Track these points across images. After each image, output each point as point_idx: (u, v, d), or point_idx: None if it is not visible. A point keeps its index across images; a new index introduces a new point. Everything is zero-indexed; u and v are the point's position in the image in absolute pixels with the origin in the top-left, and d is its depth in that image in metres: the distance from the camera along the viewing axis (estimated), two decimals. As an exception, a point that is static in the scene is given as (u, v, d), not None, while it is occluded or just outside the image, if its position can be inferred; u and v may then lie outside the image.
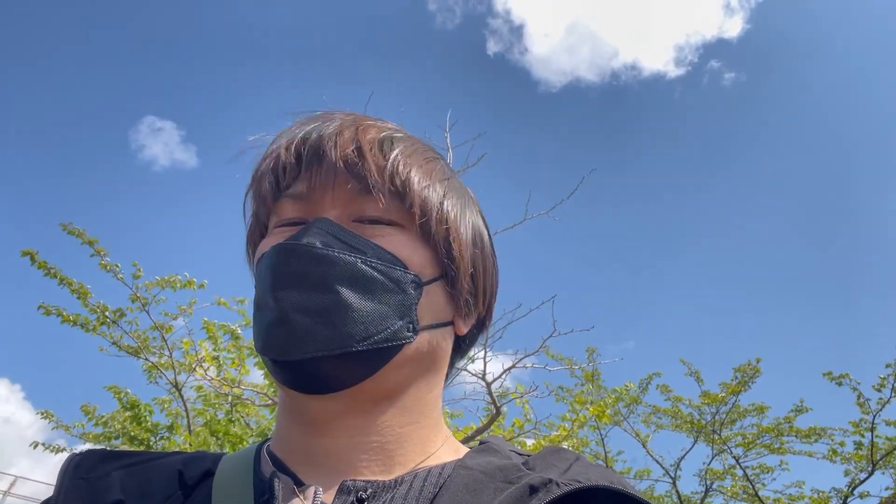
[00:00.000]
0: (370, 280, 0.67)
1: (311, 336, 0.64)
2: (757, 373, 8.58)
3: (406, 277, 0.69)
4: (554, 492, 0.60)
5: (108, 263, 6.00)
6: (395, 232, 0.71)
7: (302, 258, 0.67)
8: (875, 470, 8.62)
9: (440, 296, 0.73)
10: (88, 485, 0.68)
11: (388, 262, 0.69)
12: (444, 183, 0.77)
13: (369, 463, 0.68)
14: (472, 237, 0.77)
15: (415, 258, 0.71)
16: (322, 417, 0.68)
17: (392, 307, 0.68)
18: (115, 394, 6.78)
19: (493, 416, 5.45)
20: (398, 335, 0.67)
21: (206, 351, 6.42)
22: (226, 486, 0.68)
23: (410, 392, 0.71)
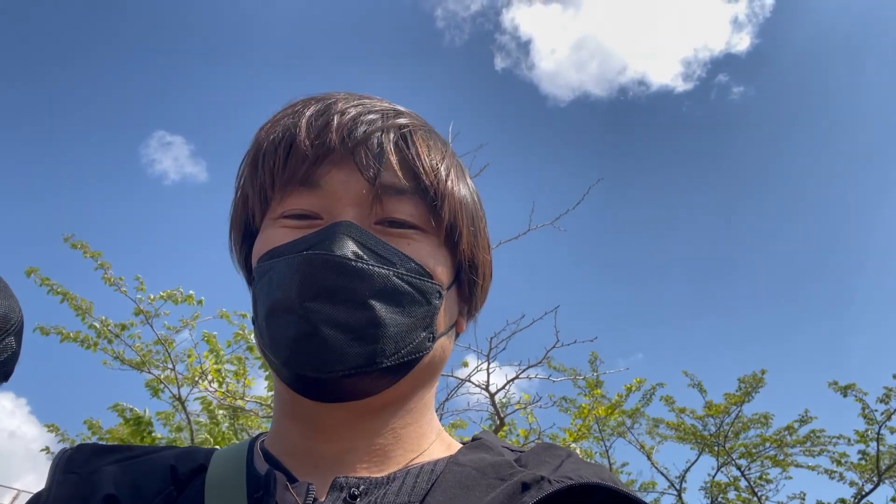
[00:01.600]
0: (401, 294, 0.66)
1: (344, 353, 0.63)
2: (761, 383, 8.54)
3: (433, 289, 0.69)
4: (546, 489, 0.60)
5: (112, 277, 6.01)
6: (421, 238, 0.70)
7: (335, 270, 0.64)
8: (881, 482, 8.56)
9: (453, 301, 0.75)
10: (80, 479, 0.67)
11: (417, 273, 0.68)
12: (467, 185, 0.77)
13: (364, 461, 0.68)
14: (479, 237, 0.78)
15: (438, 267, 0.71)
16: (329, 423, 0.68)
17: (417, 319, 0.68)
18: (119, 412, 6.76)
19: (496, 427, 5.43)
20: (421, 347, 0.68)
21: (211, 363, 6.41)
22: (219, 481, 0.67)
23: (416, 395, 0.72)
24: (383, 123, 0.71)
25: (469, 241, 0.74)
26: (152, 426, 6.78)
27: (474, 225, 0.76)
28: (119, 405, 6.70)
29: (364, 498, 0.63)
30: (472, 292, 0.77)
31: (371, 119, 0.71)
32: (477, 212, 0.78)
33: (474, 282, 0.76)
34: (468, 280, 0.76)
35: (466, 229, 0.73)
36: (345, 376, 0.63)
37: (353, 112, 0.71)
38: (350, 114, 0.71)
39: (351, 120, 0.70)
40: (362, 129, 0.70)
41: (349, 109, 0.71)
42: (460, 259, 0.74)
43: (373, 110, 0.72)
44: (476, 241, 0.76)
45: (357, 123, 0.70)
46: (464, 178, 0.77)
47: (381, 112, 0.72)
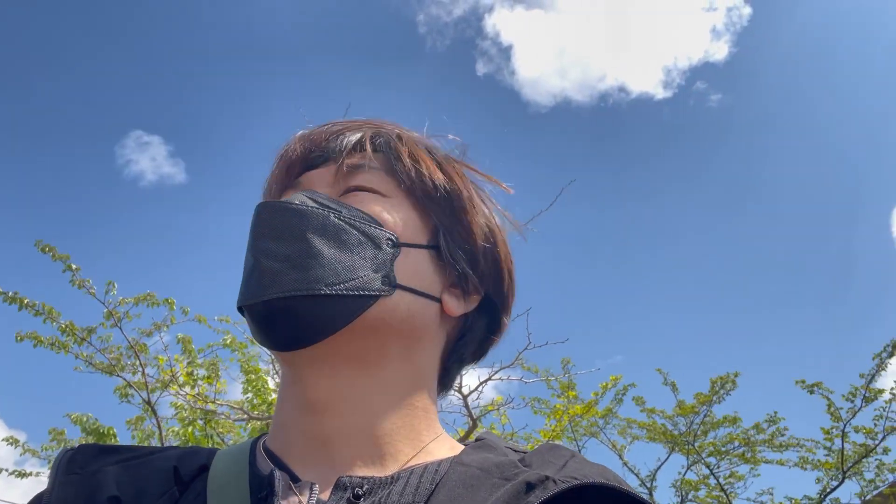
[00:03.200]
0: (341, 231, 0.69)
1: (280, 278, 0.66)
2: (732, 386, 8.67)
3: (381, 234, 0.70)
4: (550, 489, 0.60)
5: (80, 280, 5.92)
6: (379, 199, 0.74)
7: (276, 211, 0.70)
8: (845, 478, 8.74)
9: (424, 265, 0.73)
10: (82, 480, 0.67)
11: (361, 219, 0.70)
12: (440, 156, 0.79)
13: (363, 457, 0.67)
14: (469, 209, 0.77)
15: (393, 219, 0.72)
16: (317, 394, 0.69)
17: (365, 259, 0.68)
18: (78, 423, 6.63)
19: (469, 429, 5.45)
20: (371, 285, 0.68)
21: (181, 367, 6.34)
22: (221, 481, 0.67)
23: (389, 364, 0.71)
24: (360, 127, 0.77)
25: (446, 217, 0.75)
26: (115, 438, 6.67)
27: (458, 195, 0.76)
28: (78, 416, 6.57)
29: (368, 498, 0.63)
30: (456, 263, 0.74)
31: (350, 126, 0.77)
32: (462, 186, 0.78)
33: (458, 251, 0.74)
34: (448, 247, 0.74)
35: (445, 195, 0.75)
36: (284, 299, 0.65)
37: (338, 126, 0.77)
38: (335, 126, 0.77)
39: (333, 129, 0.77)
40: (339, 131, 0.77)
41: (336, 125, 0.78)
42: (437, 227, 0.75)
43: (358, 123, 0.78)
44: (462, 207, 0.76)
45: (336, 130, 0.77)
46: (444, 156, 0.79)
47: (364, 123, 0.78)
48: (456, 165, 0.80)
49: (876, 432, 8.51)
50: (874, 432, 8.51)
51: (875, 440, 8.52)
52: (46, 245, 5.83)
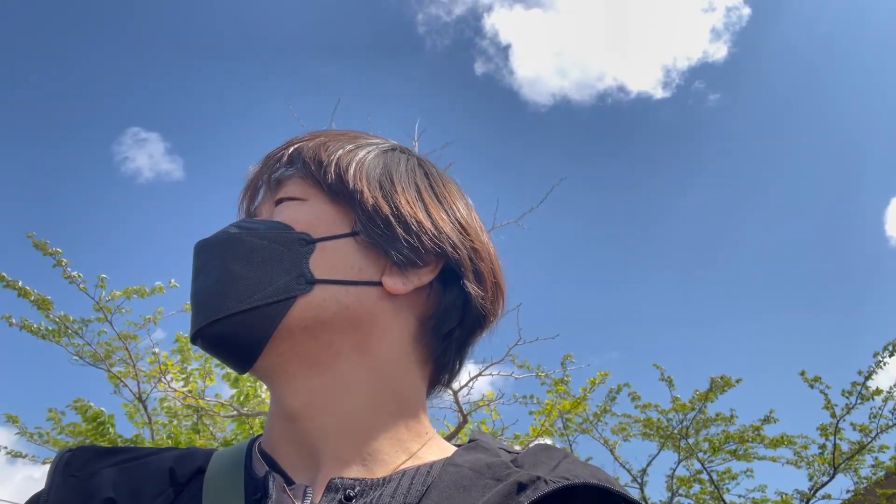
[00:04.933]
0: (254, 249, 0.70)
1: (206, 308, 0.69)
2: (728, 385, 8.69)
3: (292, 237, 0.71)
4: (542, 489, 0.60)
5: (71, 274, 5.92)
6: (294, 205, 0.75)
7: (199, 252, 0.74)
8: (837, 473, 8.79)
9: (349, 253, 0.71)
10: (79, 482, 0.68)
11: (272, 228, 0.72)
12: (350, 145, 0.78)
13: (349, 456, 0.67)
14: (374, 182, 0.75)
15: (305, 219, 0.73)
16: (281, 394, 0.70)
17: (277, 266, 0.70)
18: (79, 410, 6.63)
19: (459, 424, 5.45)
20: (285, 288, 0.68)
21: (170, 363, 6.33)
22: (217, 483, 0.68)
23: (344, 361, 0.69)
24: (290, 144, 0.80)
25: (350, 187, 0.73)
26: (113, 425, 6.68)
27: (361, 176, 0.75)
28: (80, 401, 6.59)
29: (359, 499, 0.63)
30: (377, 240, 0.72)
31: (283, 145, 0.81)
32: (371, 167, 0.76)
33: (373, 227, 0.72)
34: (365, 228, 0.72)
35: (342, 179, 0.74)
36: (211, 324, 0.68)
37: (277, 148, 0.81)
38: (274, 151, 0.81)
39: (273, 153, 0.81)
40: (270, 156, 0.81)
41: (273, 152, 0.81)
42: (355, 213, 0.73)
43: (294, 140, 0.81)
44: (364, 187, 0.73)
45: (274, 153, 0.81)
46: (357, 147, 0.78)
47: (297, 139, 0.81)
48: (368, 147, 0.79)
49: (870, 429, 8.57)
50: (868, 428, 8.57)
51: (869, 436, 8.59)
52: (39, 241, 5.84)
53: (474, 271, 0.75)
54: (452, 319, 0.75)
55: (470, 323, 0.77)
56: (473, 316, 0.76)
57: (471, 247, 0.76)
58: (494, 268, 0.79)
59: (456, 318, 0.76)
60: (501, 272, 0.81)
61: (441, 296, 0.74)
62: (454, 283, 0.75)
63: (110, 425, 6.69)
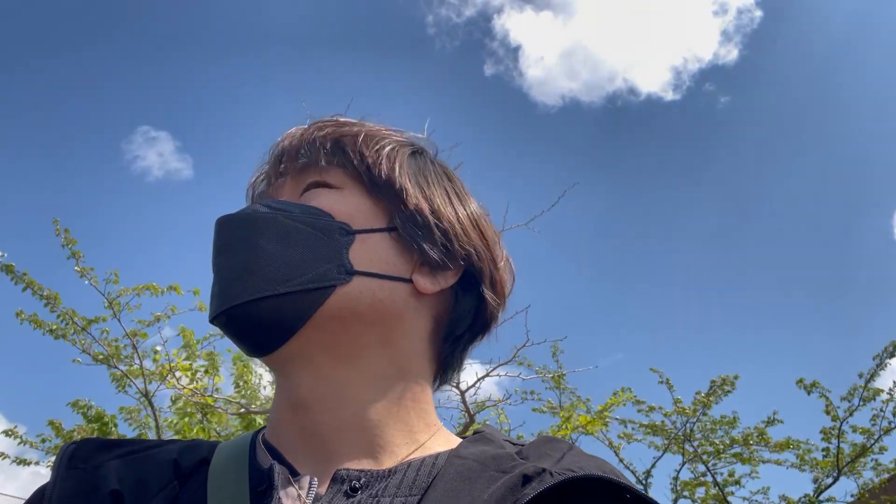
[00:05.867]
0: (291, 230, 0.69)
1: (236, 287, 0.68)
2: (731, 387, 8.67)
3: (332, 225, 0.70)
4: (547, 481, 0.59)
5: (84, 268, 5.93)
6: (331, 192, 0.74)
7: (228, 226, 0.72)
8: (840, 476, 8.77)
9: (385, 248, 0.72)
10: (84, 474, 0.68)
11: (310, 213, 0.71)
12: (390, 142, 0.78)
13: (357, 447, 0.68)
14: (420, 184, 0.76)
15: (345, 209, 0.72)
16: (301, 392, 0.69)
17: (317, 252, 0.69)
18: (79, 409, 6.63)
19: (466, 425, 5.46)
20: (325, 276, 0.68)
21: (179, 360, 6.34)
22: (221, 474, 0.68)
23: (368, 353, 0.70)
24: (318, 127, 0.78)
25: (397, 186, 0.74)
26: (115, 424, 6.69)
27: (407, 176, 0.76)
28: (79, 402, 6.59)
29: (365, 490, 0.64)
30: (416, 242, 0.73)
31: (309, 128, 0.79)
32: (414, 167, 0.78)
33: (414, 228, 0.73)
34: (404, 227, 0.73)
35: (390, 178, 0.74)
36: (243, 305, 0.67)
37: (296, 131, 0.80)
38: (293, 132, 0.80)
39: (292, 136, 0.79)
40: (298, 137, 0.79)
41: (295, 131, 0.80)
42: (395, 210, 0.74)
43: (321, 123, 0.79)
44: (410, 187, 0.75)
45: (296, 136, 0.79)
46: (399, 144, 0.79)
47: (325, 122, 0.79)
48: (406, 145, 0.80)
49: (873, 431, 8.54)
50: (871, 431, 8.54)
51: (872, 439, 8.56)
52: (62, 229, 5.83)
53: (491, 279, 0.78)
54: (465, 323, 0.78)
55: (478, 327, 0.80)
56: (483, 321, 0.79)
57: (490, 256, 0.78)
58: (506, 278, 0.81)
59: (468, 323, 0.78)
60: (511, 281, 0.82)
61: (457, 300, 0.76)
62: (470, 289, 0.77)
63: (112, 425, 6.70)
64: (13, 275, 5.82)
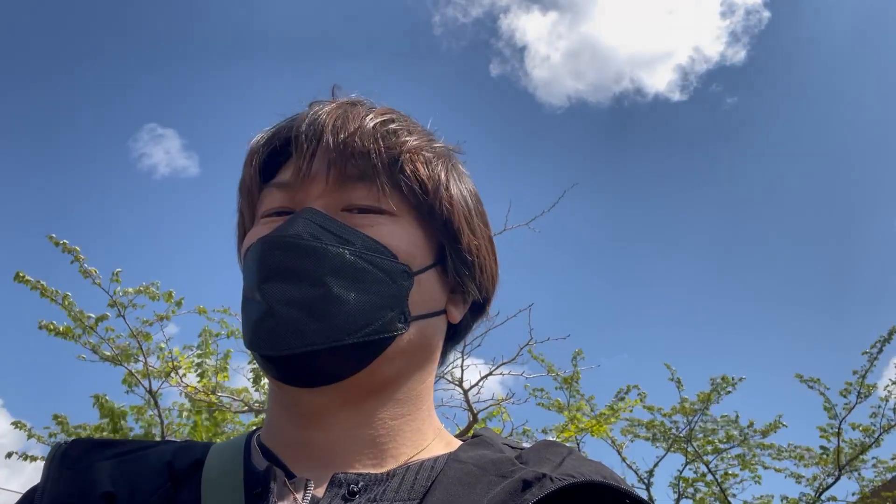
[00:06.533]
0: (359, 271, 0.66)
1: (300, 330, 0.63)
2: (732, 386, 8.68)
3: (396, 268, 0.68)
4: (547, 487, 0.59)
5: (88, 270, 5.96)
6: (387, 221, 0.70)
7: (289, 250, 0.66)
8: (841, 475, 8.76)
9: (433, 284, 0.72)
10: (76, 475, 0.66)
11: (377, 252, 0.67)
12: (455, 172, 0.77)
13: (361, 456, 0.67)
14: (470, 220, 0.76)
15: (406, 247, 0.70)
16: (314, 410, 0.68)
17: (382, 298, 0.66)
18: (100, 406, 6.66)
19: (470, 423, 5.47)
20: (389, 327, 0.66)
21: (182, 358, 6.38)
22: (216, 477, 0.66)
23: (403, 385, 0.70)
24: (355, 120, 0.72)
25: (455, 226, 0.73)
26: (125, 420, 6.74)
27: (462, 212, 0.75)
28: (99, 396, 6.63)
29: (363, 494, 0.63)
30: (461, 278, 0.74)
31: (344, 117, 0.72)
32: (467, 201, 0.77)
33: (463, 267, 0.74)
34: (454, 265, 0.74)
35: (450, 214, 0.73)
36: (306, 354, 0.63)
37: (328, 113, 0.72)
38: (324, 115, 0.72)
39: (324, 119, 0.72)
40: (332, 126, 0.71)
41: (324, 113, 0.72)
42: (441, 243, 0.73)
43: (352, 112, 0.73)
44: (464, 225, 0.74)
45: (329, 122, 0.71)
46: (451, 165, 0.77)
47: (358, 113, 0.73)
48: (461, 170, 0.79)
49: (872, 429, 8.54)
50: (871, 429, 8.55)
51: (872, 437, 8.56)
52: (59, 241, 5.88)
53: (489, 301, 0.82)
54: (461, 337, 0.82)
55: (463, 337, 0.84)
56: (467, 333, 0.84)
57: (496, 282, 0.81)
58: None
59: (462, 336, 0.83)
60: None
61: (465, 317, 0.79)
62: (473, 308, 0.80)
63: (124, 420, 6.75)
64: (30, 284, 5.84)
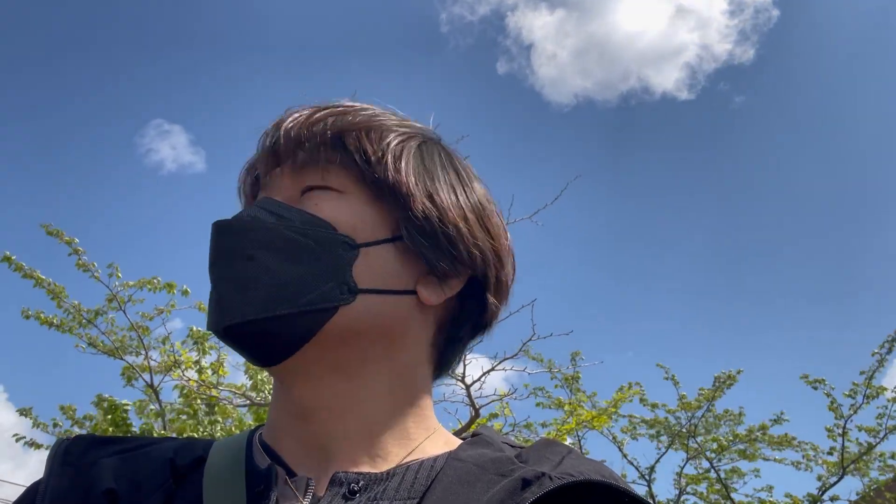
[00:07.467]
0: (292, 243, 0.67)
1: (235, 303, 0.66)
2: (733, 381, 8.67)
3: (335, 238, 0.68)
4: (546, 485, 0.59)
5: (85, 262, 5.96)
6: (332, 197, 0.70)
7: (226, 232, 0.69)
8: (845, 474, 8.74)
9: (390, 259, 0.70)
10: (78, 472, 0.67)
11: (313, 224, 0.68)
12: (401, 139, 0.74)
13: (358, 453, 0.67)
14: (429, 187, 0.72)
15: (347, 219, 0.69)
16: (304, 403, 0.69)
17: (320, 269, 0.66)
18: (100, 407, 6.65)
19: (472, 419, 5.46)
20: (328, 297, 0.66)
21: (184, 353, 6.37)
22: (218, 475, 0.67)
23: (371, 368, 0.69)
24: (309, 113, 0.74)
25: (402, 192, 0.70)
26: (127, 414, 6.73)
27: (414, 179, 0.71)
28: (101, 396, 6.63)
29: (363, 493, 0.63)
30: (422, 252, 0.70)
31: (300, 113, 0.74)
32: (427, 169, 0.73)
33: (420, 238, 0.70)
34: (409, 236, 0.70)
35: (396, 181, 0.70)
36: (245, 324, 0.65)
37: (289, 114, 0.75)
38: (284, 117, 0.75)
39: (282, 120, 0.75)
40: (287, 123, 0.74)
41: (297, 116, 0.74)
42: (401, 219, 0.70)
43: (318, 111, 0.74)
44: (417, 192, 0.71)
45: (285, 121, 0.74)
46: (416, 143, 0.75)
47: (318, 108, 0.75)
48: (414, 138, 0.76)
49: (878, 430, 8.52)
50: (876, 430, 8.52)
51: (877, 438, 8.54)
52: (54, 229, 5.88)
53: (496, 281, 0.75)
54: (467, 325, 0.76)
55: (480, 326, 0.78)
56: (484, 321, 0.77)
57: (496, 255, 0.75)
58: (510, 273, 0.78)
59: (470, 324, 0.76)
60: (513, 274, 0.79)
61: (461, 303, 0.74)
62: (474, 292, 0.74)
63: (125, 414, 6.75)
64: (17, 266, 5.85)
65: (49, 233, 5.84)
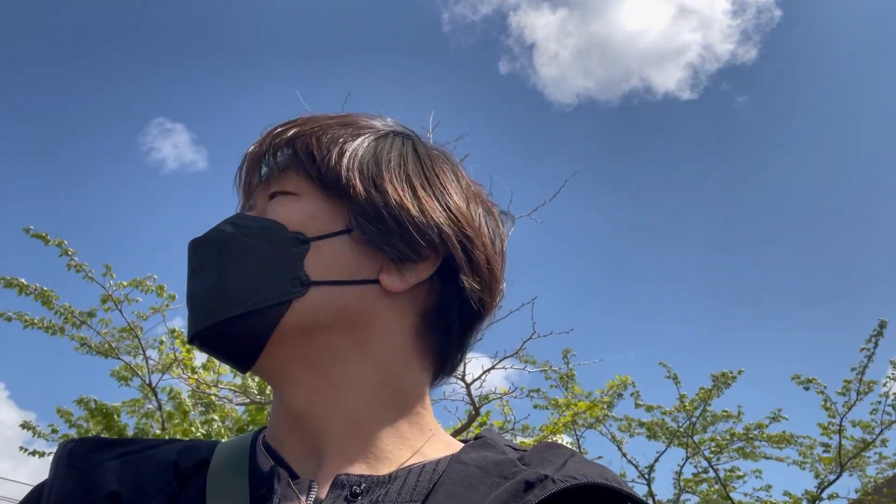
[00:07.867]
0: (246, 248, 0.69)
1: (199, 313, 0.69)
2: (732, 380, 8.68)
3: (286, 237, 0.69)
4: (549, 488, 0.59)
5: (77, 263, 5.94)
6: (289, 200, 0.72)
7: (194, 251, 0.73)
8: (843, 472, 8.77)
9: (344, 251, 0.70)
10: (82, 474, 0.67)
11: (266, 228, 0.70)
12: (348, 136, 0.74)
13: (355, 453, 0.67)
14: (374, 173, 0.72)
15: (298, 218, 0.70)
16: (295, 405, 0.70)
17: (272, 268, 0.68)
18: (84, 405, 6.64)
19: (471, 417, 5.46)
20: (279, 292, 0.67)
21: (184, 350, 6.36)
22: (221, 477, 0.67)
23: (344, 361, 0.69)
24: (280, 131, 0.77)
25: (343, 181, 0.70)
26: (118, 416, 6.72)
27: (356, 166, 0.71)
28: (84, 398, 6.61)
29: (365, 496, 0.63)
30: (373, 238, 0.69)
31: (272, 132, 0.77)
32: (373, 156, 0.73)
33: (368, 224, 0.69)
34: (358, 224, 0.69)
35: (337, 171, 0.71)
36: (208, 329, 0.68)
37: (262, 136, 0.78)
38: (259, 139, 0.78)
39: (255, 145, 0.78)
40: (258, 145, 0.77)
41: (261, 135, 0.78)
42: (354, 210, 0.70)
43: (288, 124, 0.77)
44: (355, 177, 0.70)
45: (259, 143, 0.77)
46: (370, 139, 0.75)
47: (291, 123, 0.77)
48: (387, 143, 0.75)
49: (873, 426, 8.54)
50: (871, 426, 8.55)
51: (872, 434, 8.56)
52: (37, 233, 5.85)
53: (469, 262, 0.72)
54: (453, 313, 0.73)
55: (468, 314, 0.74)
56: (471, 307, 0.74)
57: (463, 235, 0.72)
58: (489, 255, 0.75)
59: (456, 311, 0.73)
60: (499, 258, 0.77)
61: (441, 289, 0.72)
62: (454, 276, 0.72)
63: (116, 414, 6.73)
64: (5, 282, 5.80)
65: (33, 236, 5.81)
